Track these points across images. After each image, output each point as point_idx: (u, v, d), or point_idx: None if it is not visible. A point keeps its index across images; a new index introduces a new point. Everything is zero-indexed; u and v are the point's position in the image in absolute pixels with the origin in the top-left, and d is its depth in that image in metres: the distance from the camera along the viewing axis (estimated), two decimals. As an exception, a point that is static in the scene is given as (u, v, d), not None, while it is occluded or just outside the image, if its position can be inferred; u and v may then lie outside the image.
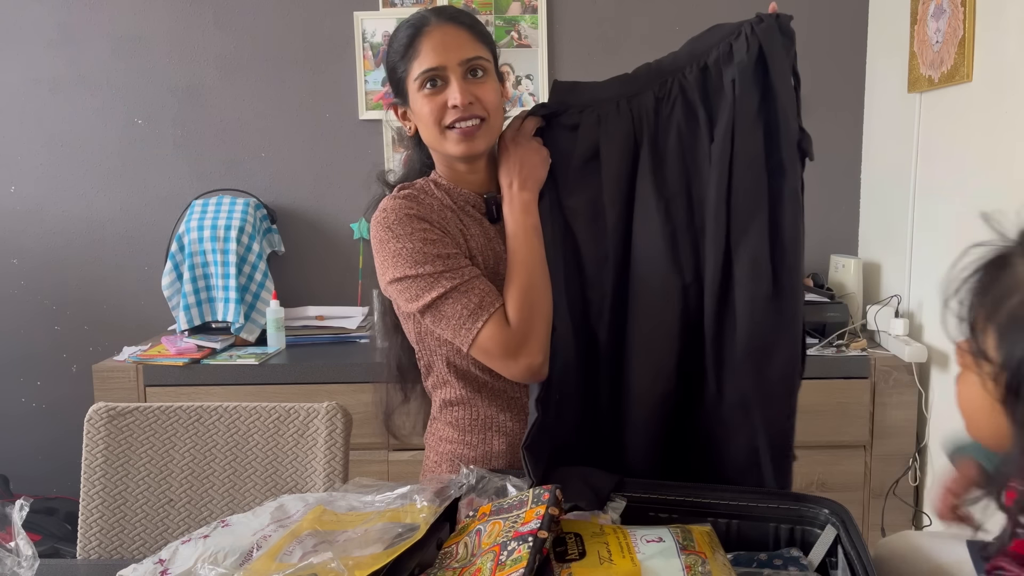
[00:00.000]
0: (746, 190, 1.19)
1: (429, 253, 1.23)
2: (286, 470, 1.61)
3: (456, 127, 1.26)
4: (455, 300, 1.22)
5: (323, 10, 2.89)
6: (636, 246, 1.26)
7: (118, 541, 1.58)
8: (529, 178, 1.27)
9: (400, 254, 1.24)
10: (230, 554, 1.02)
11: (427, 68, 1.25)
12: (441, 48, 1.24)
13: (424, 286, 1.23)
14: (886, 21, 2.70)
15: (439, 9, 1.30)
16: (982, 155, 2.11)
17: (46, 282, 3.00)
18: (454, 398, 1.36)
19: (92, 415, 1.61)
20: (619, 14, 2.86)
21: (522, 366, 1.22)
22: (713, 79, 1.21)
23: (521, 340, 1.21)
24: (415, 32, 1.26)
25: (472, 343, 1.22)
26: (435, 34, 1.25)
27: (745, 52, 1.17)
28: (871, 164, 2.85)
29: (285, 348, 2.68)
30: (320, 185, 2.97)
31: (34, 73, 2.93)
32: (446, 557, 1.00)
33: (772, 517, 1.11)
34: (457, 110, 1.24)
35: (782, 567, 1.04)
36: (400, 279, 1.25)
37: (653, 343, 1.26)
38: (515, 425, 1.35)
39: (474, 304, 1.21)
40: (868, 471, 2.47)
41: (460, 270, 1.23)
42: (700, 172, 1.23)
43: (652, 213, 1.24)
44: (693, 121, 1.22)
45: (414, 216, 1.26)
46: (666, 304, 1.25)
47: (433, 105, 1.26)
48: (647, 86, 1.25)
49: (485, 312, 1.21)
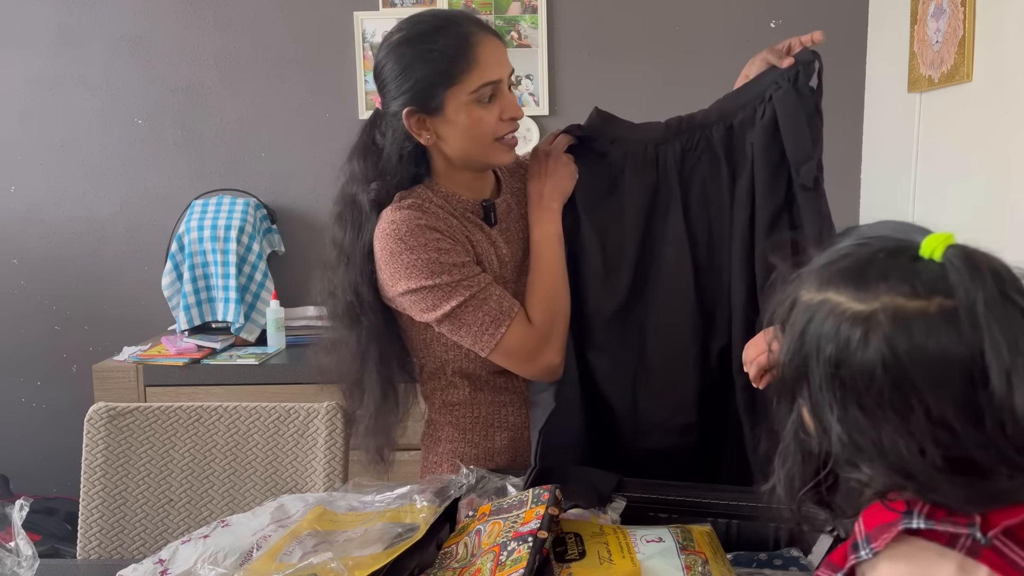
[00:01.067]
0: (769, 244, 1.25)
1: (445, 263, 1.24)
2: (286, 470, 1.61)
3: (505, 138, 1.29)
4: (475, 308, 1.24)
5: (323, 10, 2.89)
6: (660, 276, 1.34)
7: (118, 541, 1.58)
8: (556, 189, 1.34)
9: (415, 265, 1.24)
10: (230, 554, 1.02)
11: (491, 80, 1.24)
12: (497, 60, 1.25)
13: (442, 296, 1.24)
14: (886, 21, 2.70)
15: (473, 18, 1.28)
16: (982, 155, 2.11)
17: (46, 282, 3.00)
18: (457, 399, 1.38)
19: (92, 415, 1.61)
20: (619, 14, 2.85)
21: (542, 365, 1.27)
22: (737, 138, 1.30)
23: (543, 341, 1.26)
24: (465, 41, 1.23)
25: (495, 348, 1.25)
26: (488, 45, 1.25)
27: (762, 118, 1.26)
28: (871, 164, 2.85)
29: (285, 348, 2.68)
30: (320, 185, 2.96)
31: (34, 73, 2.92)
32: (446, 557, 1.00)
33: (772, 517, 1.11)
34: (514, 122, 1.29)
35: (782, 567, 1.04)
36: (416, 290, 1.24)
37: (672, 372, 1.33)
38: (516, 419, 1.37)
39: (495, 311, 1.25)
40: (868, 471, 2.46)
41: (475, 278, 1.26)
42: (722, 219, 1.33)
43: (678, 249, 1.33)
44: (716, 175, 1.32)
45: (425, 227, 1.26)
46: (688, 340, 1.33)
47: (489, 118, 1.25)
48: (676, 136, 1.34)
49: (507, 317, 1.25)
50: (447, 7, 2.85)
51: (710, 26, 2.81)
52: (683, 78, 2.83)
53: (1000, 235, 2.02)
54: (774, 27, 2.77)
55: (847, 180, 2.90)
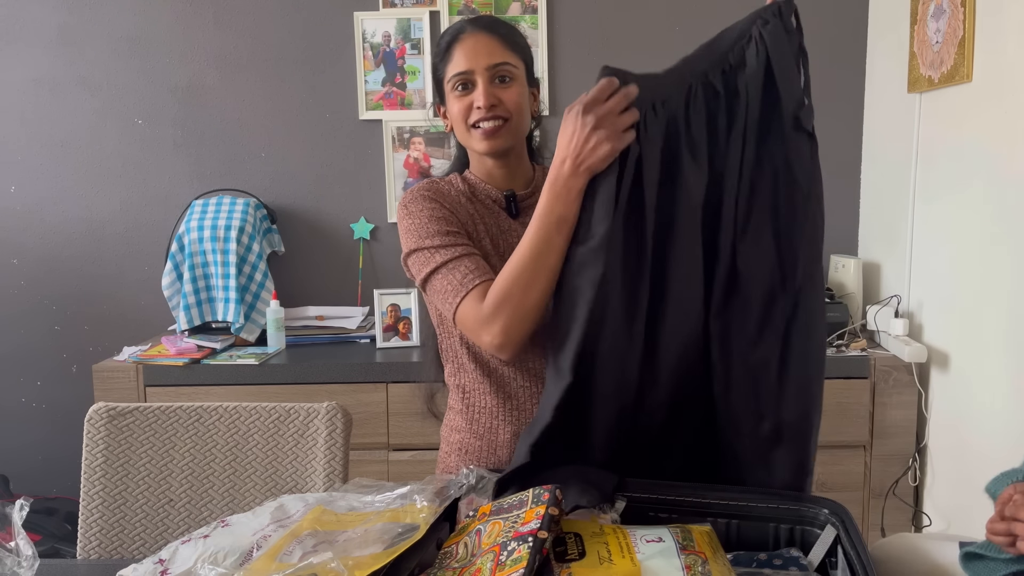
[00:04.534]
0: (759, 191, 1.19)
1: (431, 229, 1.34)
2: (286, 470, 1.61)
3: (480, 126, 1.37)
4: (444, 275, 1.31)
5: (323, 10, 2.89)
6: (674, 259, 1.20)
7: (118, 541, 1.58)
8: (584, 163, 1.14)
9: (410, 229, 1.36)
10: (230, 554, 1.02)
11: (457, 72, 1.37)
12: (472, 54, 1.37)
13: (424, 259, 1.33)
14: (886, 21, 2.70)
15: (478, 18, 1.44)
16: (982, 155, 2.11)
17: (46, 282, 3.00)
18: (467, 384, 1.43)
19: (92, 415, 1.61)
20: (619, 14, 2.86)
21: (484, 342, 1.28)
22: (733, 82, 1.20)
23: (485, 322, 1.26)
24: (452, 39, 1.40)
25: (454, 315, 1.31)
26: (468, 41, 1.38)
27: (755, 58, 1.18)
28: (871, 164, 2.85)
29: (285, 348, 2.68)
30: (320, 185, 2.97)
31: (34, 73, 2.93)
32: (446, 557, 1.00)
33: (772, 517, 1.11)
34: (480, 111, 1.36)
35: (782, 567, 1.04)
36: (410, 253, 1.36)
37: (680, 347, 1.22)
38: (520, 414, 1.40)
39: (458, 281, 1.30)
40: (868, 471, 2.47)
41: (455, 247, 1.32)
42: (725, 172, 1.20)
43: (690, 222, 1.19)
44: (715, 130, 1.20)
45: (427, 197, 1.38)
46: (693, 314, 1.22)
47: (461, 105, 1.38)
48: (677, 88, 1.20)
49: (464, 289, 1.29)
50: (446, 8, 2.85)
51: (710, 26, 2.80)
52: (683, 78, 2.84)
53: (1000, 235, 2.02)
54: (774, 27, 2.77)
55: (847, 180, 2.90)
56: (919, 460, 2.45)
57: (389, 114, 2.92)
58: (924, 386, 2.41)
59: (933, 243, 2.38)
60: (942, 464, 2.36)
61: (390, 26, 2.87)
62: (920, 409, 2.41)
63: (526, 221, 1.37)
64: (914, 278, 2.49)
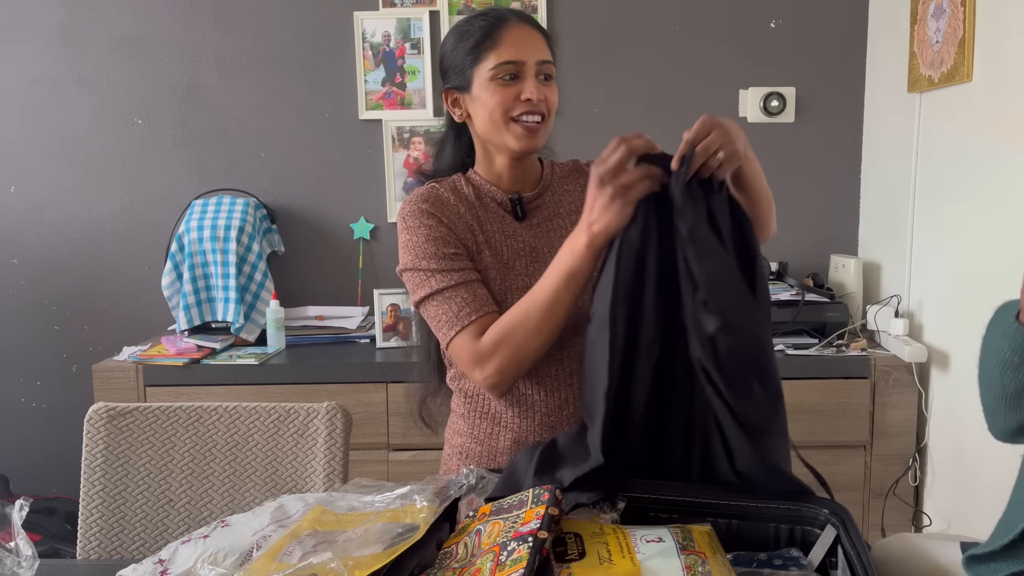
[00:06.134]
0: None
1: (428, 250, 1.31)
2: (286, 470, 1.61)
3: (522, 120, 1.31)
4: (439, 304, 1.30)
5: (323, 10, 2.89)
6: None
7: (118, 541, 1.58)
8: (597, 224, 1.15)
9: (407, 245, 1.34)
10: (230, 554, 1.02)
11: (508, 60, 1.30)
12: (524, 44, 1.32)
13: (419, 281, 1.32)
14: (886, 21, 2.70)
15: (516, 11, 1.37)
16: (982, 155, 2.11)
17: (46, 282, 3.00)
18: (469, 388, 1.42)
19: (92, 415, 1.61)
20: (619, 14, 2.85)
21: (478, 379, 1.29)
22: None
23: (480, 360, 1.27)
24: (495, 25, 1.32)
25: (447, 347, 1.31)
26: (517, 30, 1.32)
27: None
28: (871, 164, 2.85)
29: (285, 348, 2.68)
30: (320, 185, 2.97)
31: (34, 73, 2.93)
32: (446, 557, 1.00)
33: (772, 517, 1.11)
34: (529, 103, 1.30)
35: (782, 567, 1.04)
36: (404, 270, 1.35)
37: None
38: (521, 422, 1.38)
39: (453, 313, 1.29)
40: (868, 471, 2.47)
41: (452, 273, 1.30)
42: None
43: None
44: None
45: (425, 212, 1.34)
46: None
47: (504, 95, 1.31)
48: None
49: (460, 323, 1.28)
50: (446, 8, 2.85)
51: (710, 26, 2.81)
52: (683, 78, 2.84)
53: (1000, 236, 2.02)
54: (774, 27, 2.77)
55: (847, 180, 2.90)
56: (919, 460, 2.45)
57: (389, 114, 2.92)
58: (924, 386, 2.41)
59: (933, 243, 2.38)
60: (942, 464, 2.36)
61: (390, 26, 2.87)
62: (920, 409, 2.41)
63: (532, 223, 1.38)
64: (914, 278, 2.49)
